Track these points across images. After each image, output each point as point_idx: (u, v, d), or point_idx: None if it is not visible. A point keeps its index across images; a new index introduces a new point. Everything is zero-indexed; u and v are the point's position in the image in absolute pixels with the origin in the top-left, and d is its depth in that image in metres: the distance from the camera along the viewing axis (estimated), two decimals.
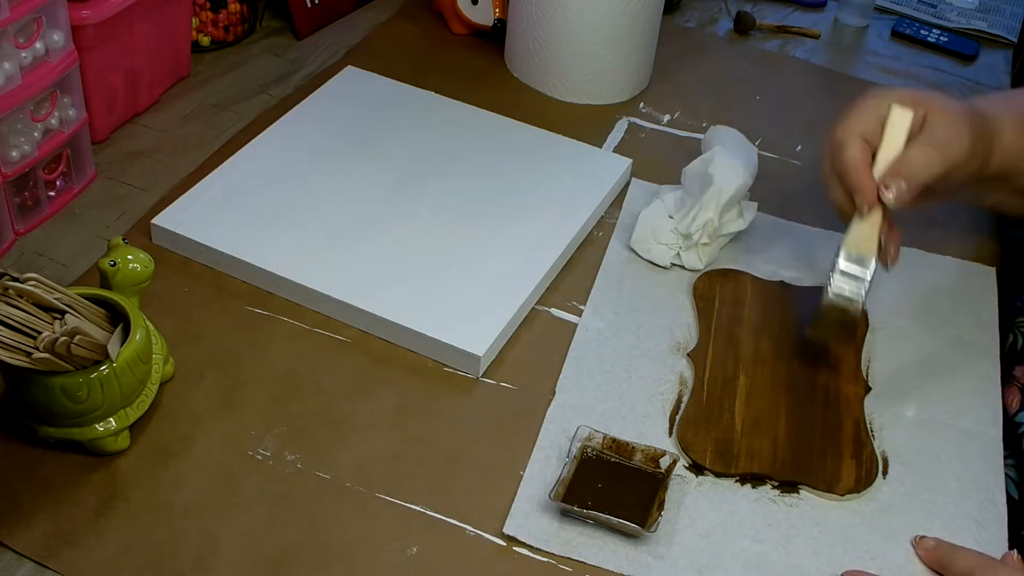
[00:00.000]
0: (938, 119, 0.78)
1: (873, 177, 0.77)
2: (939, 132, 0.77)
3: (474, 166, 0.97)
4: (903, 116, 0.78)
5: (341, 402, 0.78)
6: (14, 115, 0.83)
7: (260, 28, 1.18)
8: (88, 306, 0.71)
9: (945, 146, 0.77)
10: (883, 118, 0.78)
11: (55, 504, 0.69)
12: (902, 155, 0.77)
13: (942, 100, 0.79)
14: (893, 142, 0.78)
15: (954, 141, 0.77)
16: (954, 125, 0.78)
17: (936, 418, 0.81)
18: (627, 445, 0.74)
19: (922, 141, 0.77)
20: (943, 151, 0.77)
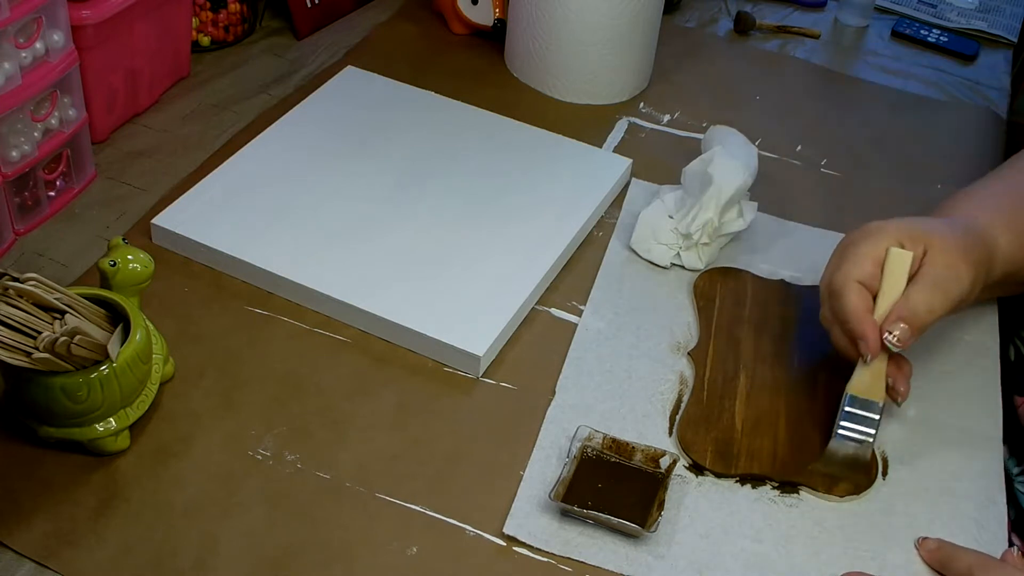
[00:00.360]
0: (937, 257, 0.76)
1: (875, 324, 0.75)
2: (940, 271, 0.75)
3: (474, 166, 0.97)
4: (902, 258, 0.76)
5: (341, 402, 0.78)
6: (14, 115, 0.83)
7: (260, 28, 1.18)
8: (88, 306, 0.71)
9: (948, 286, 0.75)
10: (881, 260, 0.76)
11: (55, 504, 0.69)
12: (903, 298, 0.75)
13: (939, 234, 0.77)
14: (894, 285, 0.76)
15: (955, 278, 0.76)
16: (954, 262, 0.76)
17: (936, 418, 0.81)
18: (627, 445, 0.74)
19: (923, 282, 0.75)
20: (946, 291, 0.75)
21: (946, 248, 0.76)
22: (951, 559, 0.70)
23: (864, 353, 0.75)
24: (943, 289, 0.75)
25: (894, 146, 1.10)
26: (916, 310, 0.74)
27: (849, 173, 1.06)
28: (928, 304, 0.74)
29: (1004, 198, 0.84)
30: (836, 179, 1.05)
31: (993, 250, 0.79)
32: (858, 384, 0.76)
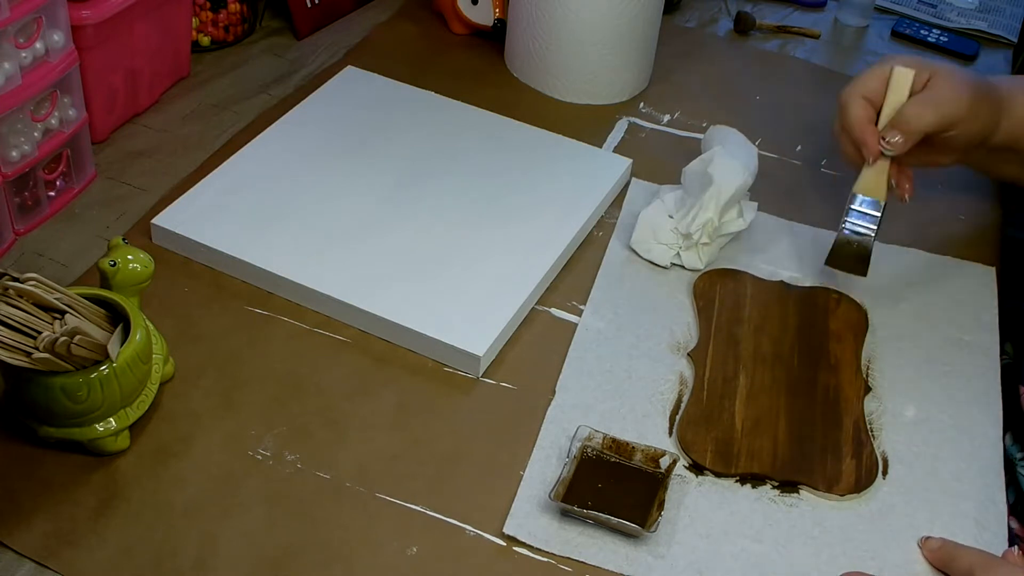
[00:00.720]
0: (940, 80, 0.85)
1: (875, 131, 0.86)
2: (938, 91, 0.85)
3: (474, 166, 0.97)
4: (904, 75, 0.86)
5: (341, 402, 0.78)
6: (14, 115, 0.83)
7: (260, 28, 1.18)
8: (88, 306, 0.71)
9: (942, 103, 0.84)
10: (886, 78, 0.86)
11: (55, 504, 0.69)
12: (900, 109, 0.85)
13: (949, 66, 0.87)
14: (895, 99, 0.86)
15: (951, 99, 0.84)
16: (954, 86, 0.85)
17: (936, 418, 0.81)
18: (627, 445, 0.74)
19: (919, 97, 0.85)
20: (939, 106, 0.84)
21: (950, 75, 0.86)
22: (953, 558, 0.70)
23: (866, 156, 0.86)
24: (935, 104, 0.84)
25: None
26: (908, 119, 0.85)
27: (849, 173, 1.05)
28: (919, 115, 0.84)
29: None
30: (836, 179, 1.05)
31: (1004, 105, 0.88)
32: (863, 185, 0.88)
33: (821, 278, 0.92)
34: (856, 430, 0.79)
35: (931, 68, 0.86)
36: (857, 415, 0.80)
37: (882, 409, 0.81)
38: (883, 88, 0.86)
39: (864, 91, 0.87)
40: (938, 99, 0.85)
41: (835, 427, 0.79)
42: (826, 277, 0.91)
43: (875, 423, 0.80)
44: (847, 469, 0.76)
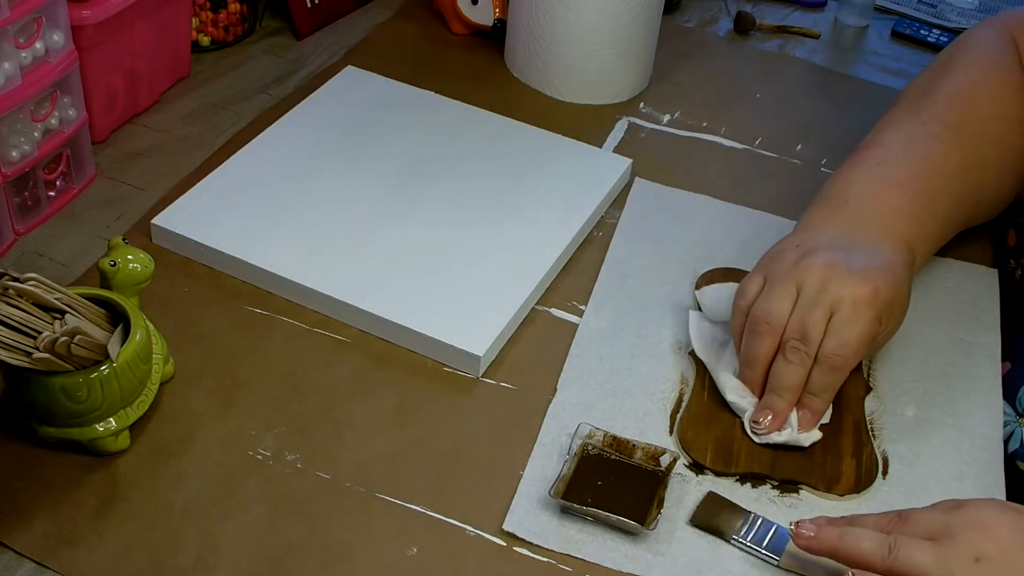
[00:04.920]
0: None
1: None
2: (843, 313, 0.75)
3: (474, 166, 0.97)
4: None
5: (341, 402, 0.78)
6: (14, 115, 0.83)
7: (260, 28, 1.18)
8: (88, 306, 0.71)
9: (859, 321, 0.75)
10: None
11: (55, 504, 0.69)
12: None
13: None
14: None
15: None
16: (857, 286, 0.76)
17: (937, 418, 0.81)
18: (627, 443, 0.74)
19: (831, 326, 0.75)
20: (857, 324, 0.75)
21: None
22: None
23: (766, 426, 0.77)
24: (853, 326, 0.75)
25: None
26: (833, 358, 0.75)
27: None
28: (841, 344, 0.75)
29: (915, 202, 0.83)
30: None
31: (914, 259, 0.81)
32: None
33: None
34: (856, 430, 0.79)
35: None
36: (857, 415, 0.80)
37: (882, 409, 0.81)
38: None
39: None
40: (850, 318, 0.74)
41: (835, 427, 0.79)
42: None
43: (875, 423, 0.80)
44: (847, 469, 0.76)
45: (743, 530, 0.71)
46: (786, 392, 0.75)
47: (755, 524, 0.71)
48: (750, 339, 0.76)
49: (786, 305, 0.75)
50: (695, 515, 0.72)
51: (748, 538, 0.71)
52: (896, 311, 0.77)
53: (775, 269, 0.78)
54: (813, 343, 0.74)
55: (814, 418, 0.76)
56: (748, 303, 0.77)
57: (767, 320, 0.75)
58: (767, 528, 0.71)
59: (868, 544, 0.64)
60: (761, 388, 0.77)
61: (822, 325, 0.74)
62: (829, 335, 0.74)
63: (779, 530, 0.71)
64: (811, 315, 0.74)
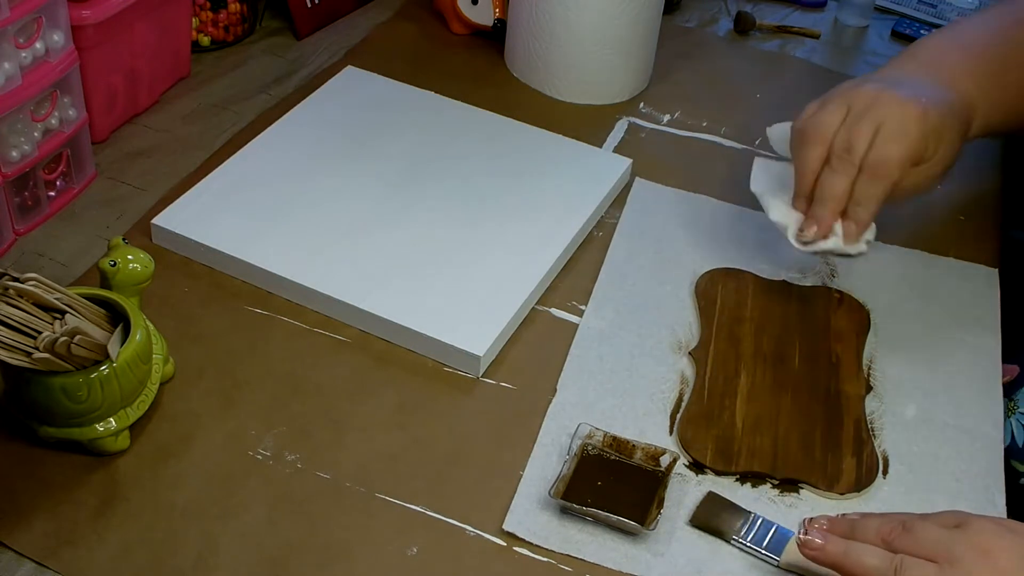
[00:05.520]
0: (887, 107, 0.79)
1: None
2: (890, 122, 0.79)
3: (474, 166, 0.97)
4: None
5: (341, 402, 0.78)
6: (14, 115, 0.83)
7: (260, 28, 1.18)
8: (88, 306, 0.71)
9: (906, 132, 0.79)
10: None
11: (55, 504, 0.69)
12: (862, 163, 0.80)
13: (886, 84, 0.81)
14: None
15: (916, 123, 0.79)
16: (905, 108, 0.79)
17: (937, 418, 0.81)
18: (627, 443, 0.74)
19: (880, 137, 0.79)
20: (904, 137, 0.78)
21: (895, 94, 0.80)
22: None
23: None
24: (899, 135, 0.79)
25: None
26: (876, 165, 0.79)
27: None
28: (886, 155, 0.78)
29: (987, 69, 0.86)
30: None
31: (972, 116, 0.84)
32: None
33: (821, 277, 0.92)
34: (857, 429, 0.79)
35: (868, 95, 0.80)
36: (858, 414, 0.80)
37: (883, 408, 0.81)
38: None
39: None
40: (899, 130, 0.78)
41: (836, 426, 0.79)
42: (827, 278, 0.91)
43: (876, 422, 0.80)
44: (847, 468, 0.76)
45: (743, 530, 0.71)
46: (830, 201, 0.79)
47: (755, 524, 0.71)
48: (800, 149, 0.81)
49: (835, 118, 0.79)
50: (695, 515, 0.72)
51: (748, 538, 0.71)
52: (944, 145, 0.79)
53: (830, 94, 0.82)
54: (857, 153, 0.77)
55: (858, 229, 0.80)
56: (804, 120, 0.82)
57: (816, 130, 0.80)
58: (767, 528, 0.71)
59: (873, 562, 0.64)
60: (807, 205, 0.81)
61: (868, 137, 0.77)
62: (874, 146, 0.77)
63: (779, 530, 0.71)
64: (857, 127, 0.78)
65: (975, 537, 0.63)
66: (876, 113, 0.78)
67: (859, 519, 0.67)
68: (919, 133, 0.78)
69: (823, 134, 0.79)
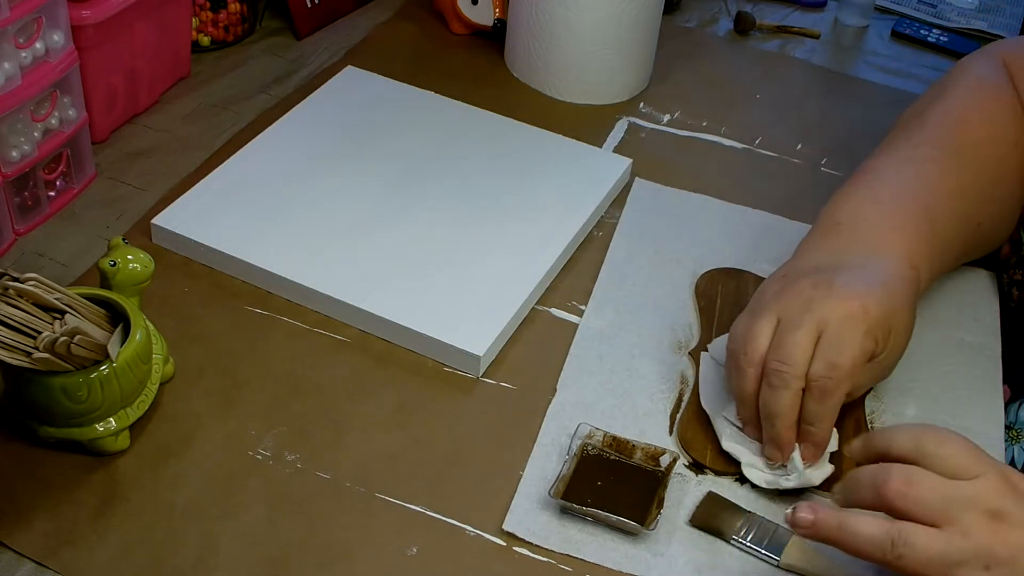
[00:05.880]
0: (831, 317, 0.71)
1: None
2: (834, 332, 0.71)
3: (474, 166, 0.97)
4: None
5: (341, 402, 0.78)
6: (14, 115, 0.83)
7: (260, 28, 1.18)
8: (88, 306, 0.71)
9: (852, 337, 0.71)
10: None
11: (55, 504, 0.69)
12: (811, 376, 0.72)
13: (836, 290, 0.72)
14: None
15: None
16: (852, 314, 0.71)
17: (937, 418, 0.81)
18: (627, 443, 0.74)
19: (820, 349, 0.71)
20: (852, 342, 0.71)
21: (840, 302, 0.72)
22: (887, 447, 0.62)
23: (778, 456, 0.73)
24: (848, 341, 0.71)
25: None
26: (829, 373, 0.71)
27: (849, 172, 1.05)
28: (838, 356, 0.71)
29: (916, 220, 0.79)
30: (836, 178, 1.05)
31: (918, 277, 0.77)
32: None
33: None
34: (857, 429, 0.78)
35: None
36: (858, 414, 0.80)
37: (883, 408, 0.81)
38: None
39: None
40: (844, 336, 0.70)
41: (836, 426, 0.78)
42: None
43: (876, 422, 0.80)
44: (848, 468, 0.76)
45: (743, 530, 0.71)
46: (777, 419, 0.71)
47: (755, 524, 0.71)
48: (735, 376, 0.73)
49: (765, 332, 0.71)
50: (695, 515, 0.72)
51: (748, 538, 0.71)
52: (895, 330, 0.73)
53: (758, 302, 0.75)
54: (797, 364, 0.69)
55: (817, 450, 0.72)
56: (733, 343, 0.74)
57: (744, 352, 0.72)
58: (767, 528, 0.71)
59: (869, 532, 0.59)
60: (758, 427, 0.73)
61: (806, 346, 0.69)
62: (817, 357, 0.70)
63: (779, 530, 0.71)
64: (792, 336, 0.70)
65: (984, 496, 0.58)
66: (811, 320, 0.70)
67: (852, 477, 0.62)
68: (864, 333, 0.70)
69: (752, 356, 0.71)
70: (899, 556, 0.58)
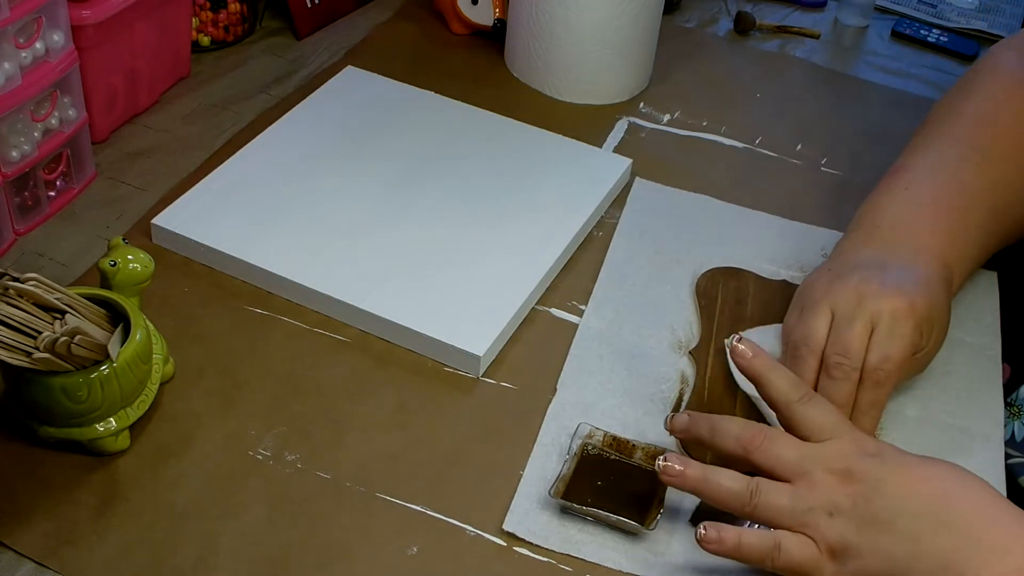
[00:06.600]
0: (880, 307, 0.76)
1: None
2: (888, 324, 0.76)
3: (474, 166, 0.97)
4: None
5: (341, 402, 0.78)
6: (14, 115, 0.83)
7: (260, 28, 1.18)
8: (88, 306, 0.71)
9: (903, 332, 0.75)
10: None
11: (55, 504, 0.69)
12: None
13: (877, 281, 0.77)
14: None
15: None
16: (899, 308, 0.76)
17: (937, 418, 0.81)
18: (627, 443, 0.74)
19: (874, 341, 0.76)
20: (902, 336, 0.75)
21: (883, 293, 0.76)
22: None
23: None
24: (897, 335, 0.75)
25: (894, 145, 1.09)
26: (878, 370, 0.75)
27: (849, 172, 1.06)
28: (885, 356, 0.75)
29: (948, 220, 0.83)
30: (836, 178, 1.05)
31: (951, 277, 0.81)
32: None
33: None
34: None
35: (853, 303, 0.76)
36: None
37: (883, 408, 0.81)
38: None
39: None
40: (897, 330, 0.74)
41: None
42: None
43: None
44: None
45: None
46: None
47: (755, 524, 0.71)
48: (793, 365, 0.75)
49: (822, 325, 0.76)
50: (695, 515, 0.72)
51: None
52: (936, 326, 0.77)
53: (809, 296, 0.78)
54: (857, 356, 0.74)
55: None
56: (787, 335, 0.79)
57: (806, 343, 0.76)
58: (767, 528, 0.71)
59: (731, 486, 0.66)
60: None
61: (862, 339, 0.74)
62: (872, 349, 0.74)
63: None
64: (851, 329, 0.74)
65: (833, 455, 0.65)
66: (865, 312, 0.75)
67: (720, 420, 0.69)
68: (913, 327, 0.75)
69: (814, 347, 0.75)
70: (755, 506, 0.65)
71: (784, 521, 0.65)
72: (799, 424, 0.68)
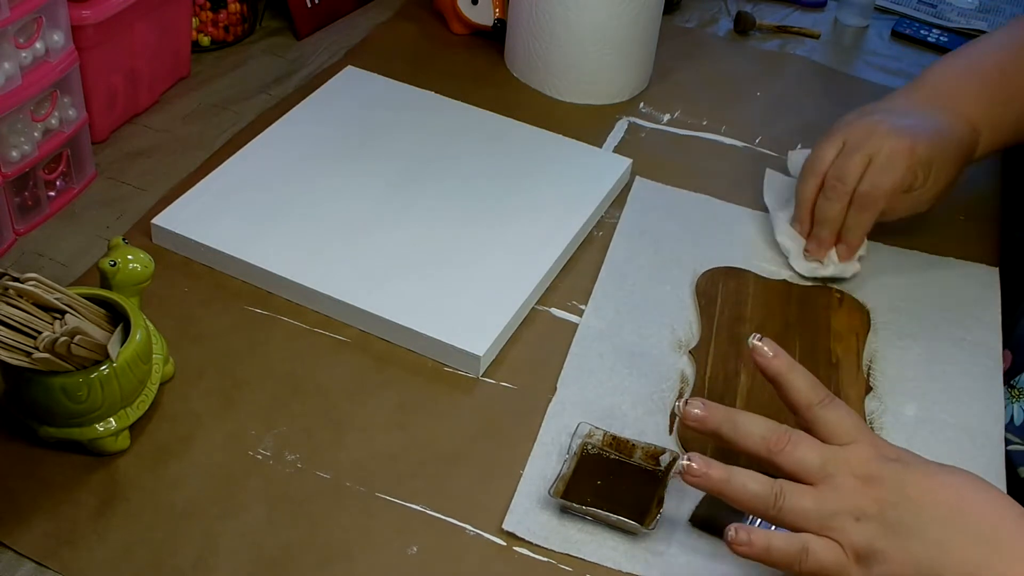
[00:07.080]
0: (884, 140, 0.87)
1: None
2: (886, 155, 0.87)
3: (474, 166, 0.97)
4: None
5: (341, 402, 0.78)
6: (14, 115, 0.83)
7: (260, 28, 1.18)
8: (88, 306, 0.71)
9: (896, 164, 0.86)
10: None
11: (55, 504, 0.69)
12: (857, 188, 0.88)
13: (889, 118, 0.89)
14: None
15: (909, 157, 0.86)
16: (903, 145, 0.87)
17: (937, 417, 0.81)
18: (627, 442, 0.74)
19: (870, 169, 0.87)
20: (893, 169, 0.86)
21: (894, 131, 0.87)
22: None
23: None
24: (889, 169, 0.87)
25: None
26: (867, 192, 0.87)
27: None
28: (875, 184, 0.87)
29: (993, 89, 0.92)
30: None
31: (975, 140, 0.91)
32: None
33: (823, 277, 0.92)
34: None
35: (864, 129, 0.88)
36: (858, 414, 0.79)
37: (883, 408, 0.81)
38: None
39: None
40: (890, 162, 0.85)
41: None
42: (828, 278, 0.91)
43: (876, 422, 0.80)
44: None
45: None
46: (826, 223, 0.88)
47: (755, 524, 0.71)
48: (799, 182, 0.90)
49: (829, 153, 0.88)
50: (695, 515, 0.72)
51: None
52: (934, 172, 0.87)
53: (835, 126, 0.90)
54: (848, 182, 0.86)
55: (849, 251, 0.89)
56: (810, 154, 0.91)
57: (812, 163, 0.89)
58: (766, 528, 0.71)
59: (755, 488, 0.65)
60: (808, 229, 0.90)
61: (859, 170, 0.85)
62: (864, 178, 0.85)
63: (778, 530, 0.71)
64: (850, 160, 0.86)
65: (855, 460, 0.65)
66: (868, 147, 0.86)
67: (742, 417, 0.68)
68: (906, 166, 0.85)
69: (818, 167, 0.88)
70: (779, 509, 0.64)
71: (809, 525, 0.64)
72: (820, 427, 0.68)
